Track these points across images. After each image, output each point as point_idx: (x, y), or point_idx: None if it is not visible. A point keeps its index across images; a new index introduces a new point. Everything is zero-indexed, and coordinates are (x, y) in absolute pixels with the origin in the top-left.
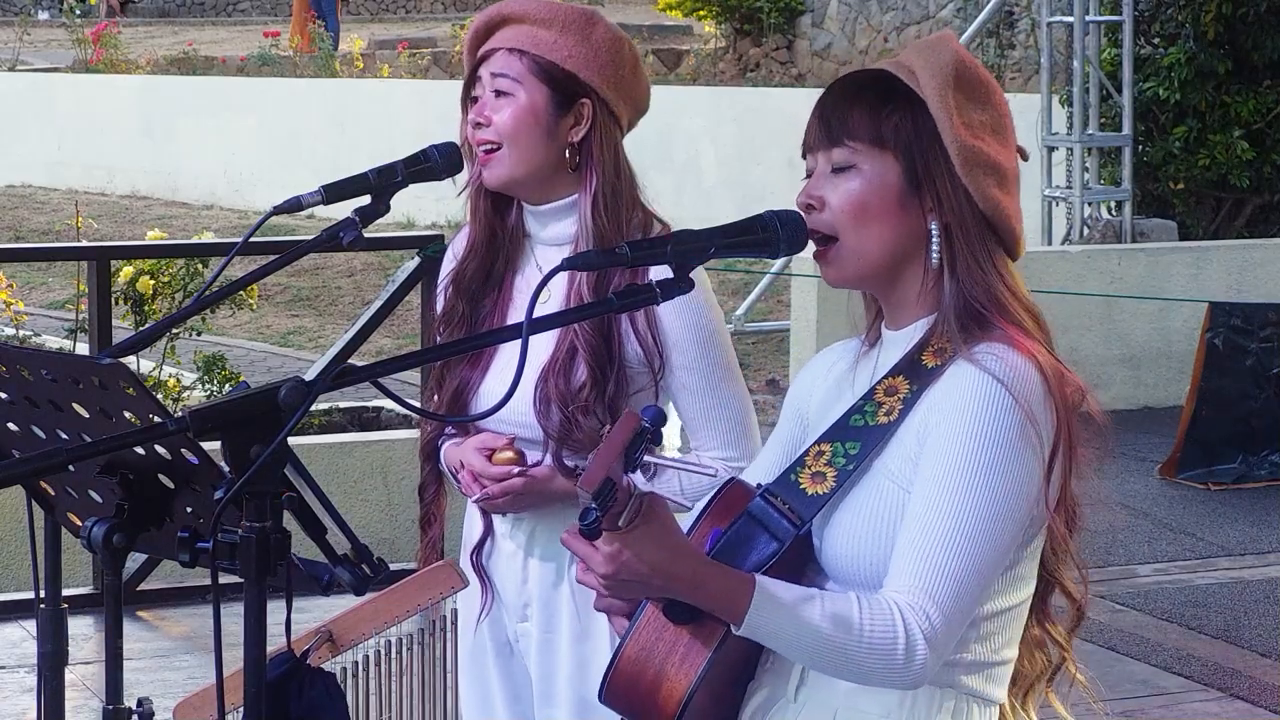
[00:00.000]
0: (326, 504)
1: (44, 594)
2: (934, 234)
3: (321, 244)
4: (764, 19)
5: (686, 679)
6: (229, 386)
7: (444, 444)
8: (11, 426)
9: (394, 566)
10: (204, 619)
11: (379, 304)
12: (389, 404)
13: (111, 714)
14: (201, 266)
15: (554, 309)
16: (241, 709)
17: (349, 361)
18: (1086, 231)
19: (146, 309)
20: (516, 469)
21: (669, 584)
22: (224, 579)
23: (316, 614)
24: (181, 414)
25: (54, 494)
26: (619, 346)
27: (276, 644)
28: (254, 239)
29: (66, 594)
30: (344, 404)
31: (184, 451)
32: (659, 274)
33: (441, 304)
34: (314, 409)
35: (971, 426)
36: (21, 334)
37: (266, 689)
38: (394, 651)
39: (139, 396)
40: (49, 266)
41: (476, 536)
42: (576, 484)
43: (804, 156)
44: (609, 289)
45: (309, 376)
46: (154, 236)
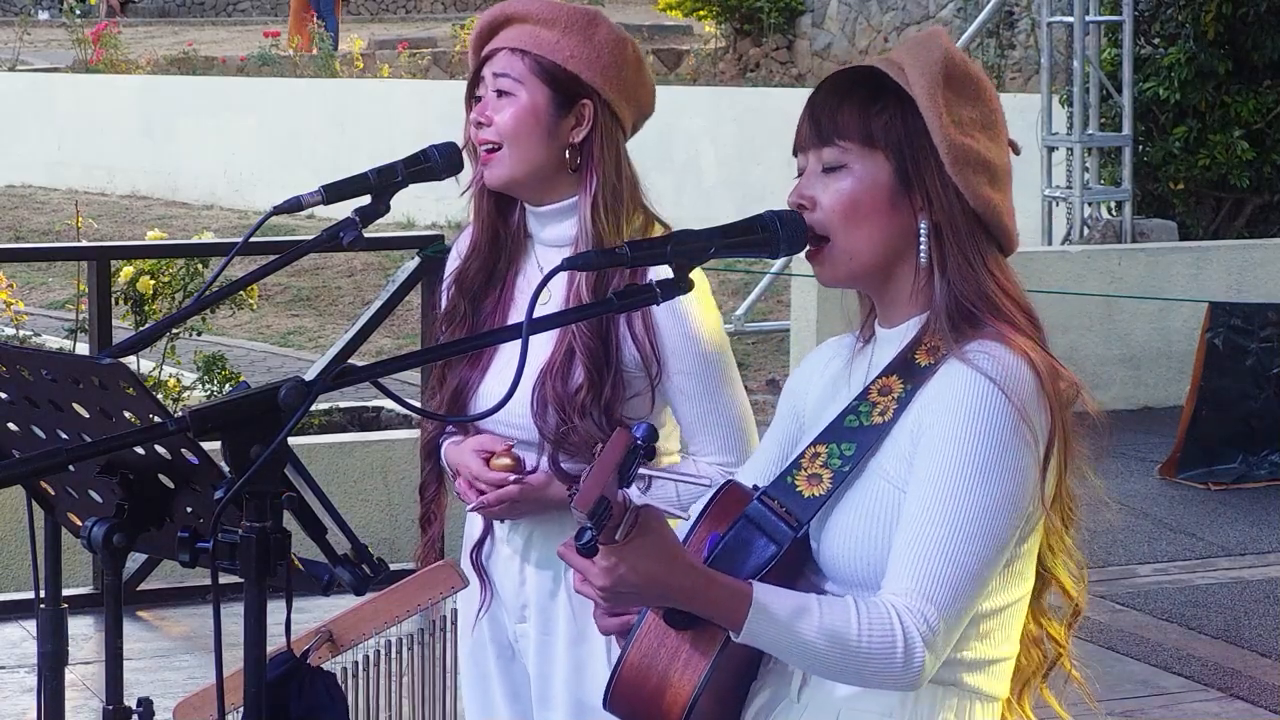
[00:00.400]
0: (326, 504)
1: (44, 594)
2: (922, 233)
3: (321, 244)
4: (764, 19)
5: (690, 684)
6: (229, 386)
7: (444, 443)
8: (11, 426)
9: (394, 566)
10: (204, 619)
11: (379, 304)
12: (389, 404)
13: (111, 714)
14: (201, 266)
15: (554, 310)
16: (241, 709)
17: (349, 361)
18: (1086, 231)
19: (146, 309)
20: (513, 476)
21: (666, 595)
22: (224, 579)
23: (316, 614)
24: (181, 414)
25: (54, 494)
26: (616, 350)
27: (276, 644)
28: (254, 239)
29: (66, 594)
30: (344, 404)
31: (184, 451)
32: (657, 275)
33: (444, 303)
34: (314, 409)
35: (965, 426)
36: (21, 334)
37: (266, 689)
38: (394, 651)
39: (139, 396)
40: (49, 266)
41: (477, 535)
42: (571, 503)
43: (795, 155)
44: (608, 290)
45: (309, 376)
46: (154, 236)
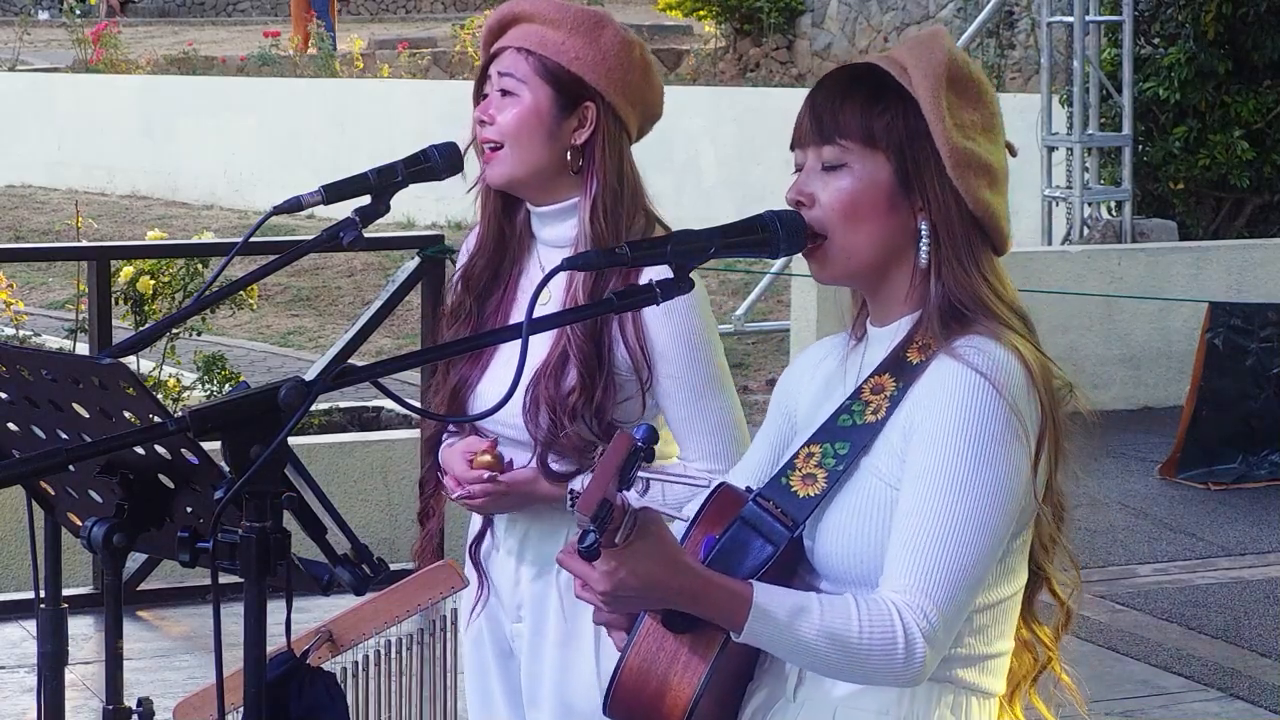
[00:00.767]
0: (326, 504)
1: (44, 594)
2: (924, 234)
3: (321, 244)
4: (764, 19)
5: (690, 686)
6: (229, 386)
7: (445, 439)
8: (11, 426)
9: (394, 566)
10: (204, 619)
11: (379, 304)
12: (389, 404)
13: (111, 714)
14: (201, 266)
15: (552, 310)
16: (241, 709)
17: (349, 361)
18: (1086, 231)
19: (146, 309)
20: (487, 474)
21: (666, 597)
22: (224, 579)
23: (316, 614)
24: (181, 414)
25: (54, 494)
26: (609, 352)
27: (276, 644)
28: (254, 239)
29: (66, 594)
30: (344, 404)
31: (184, 451)
32: (653, 277)
33: (451, 299)
34: (314, 409)
35: (957, 421)
36: (21, 334)
37: (266, 689)
38: (394, 651)
39: (139, 396)
40: (49, 266)
41: (475, 531)
42: (573, 507)
43: (792, 150)
44: (605, 292)
45: (309, 376)
46: (154, 236)
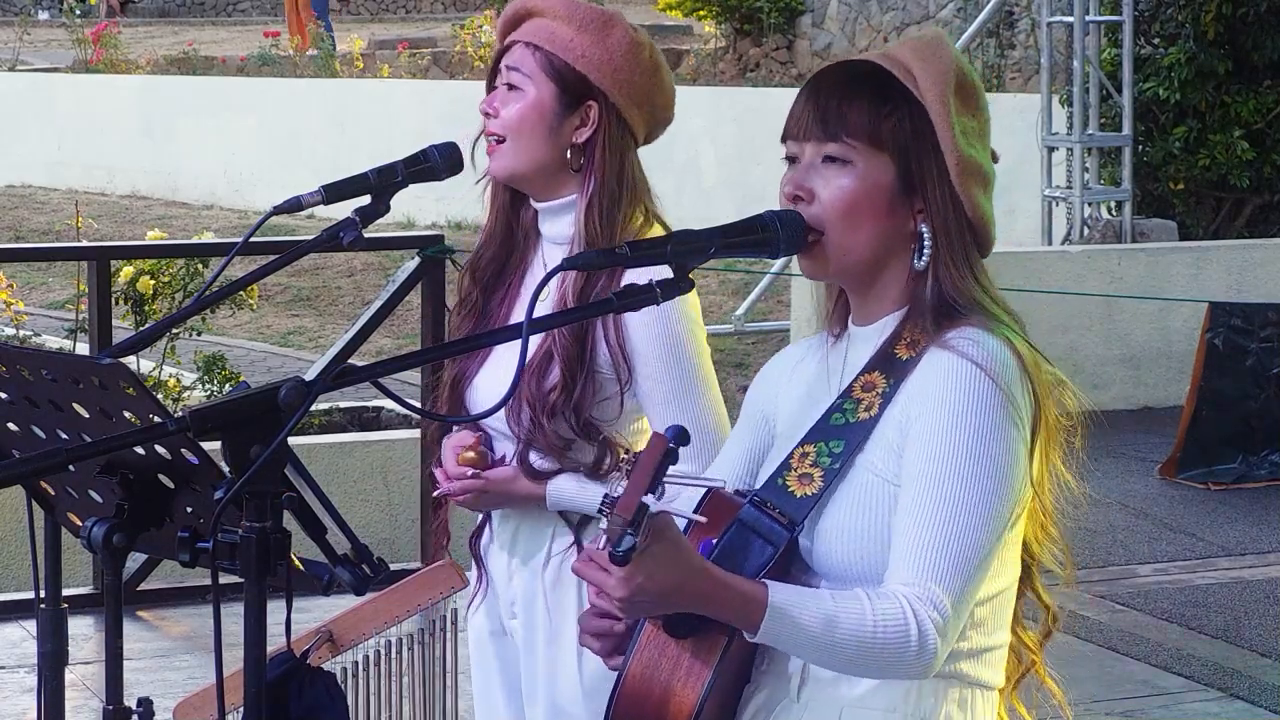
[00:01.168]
0: (326, 504)
1: (44, 594)
2: (925, 237)
3: (321, 244)
4: (764, 19)
5: (695, 691)
6: (229, 386)
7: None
8: (11, 426)
9: (394, 566)
10: (204, 619)
11: (379, 304)
12: (389, 404)
13: (111, 714)
14: (201, 266)
15: (548, 309)
16: (241, 709)
17: (349, 361)
18: (1086, 231)
19: (146, 309)
20: (470, 471)
21: (683, 601)
22: (224, 579)
23: (316, 614)
24: (181, 414)
25: (54, 494)
26: (592, 352)
27: (276, 644)
28: (254, 239)
29: (66, 594)
30: (344, 404)
31: (184, 451)
32: (644, 274)
33: (460, 290)
34: (314, 409)
35: (954, 411)
36: (21, 334)
37: (266, 689)
38: (394, 651)
39: (139, 396)
40: (49, 266)
41: (476, 524)
42: (609, 512)
43: (784, 141)
44: (593, 294)
45: (309, 376)
46: (154, 236)
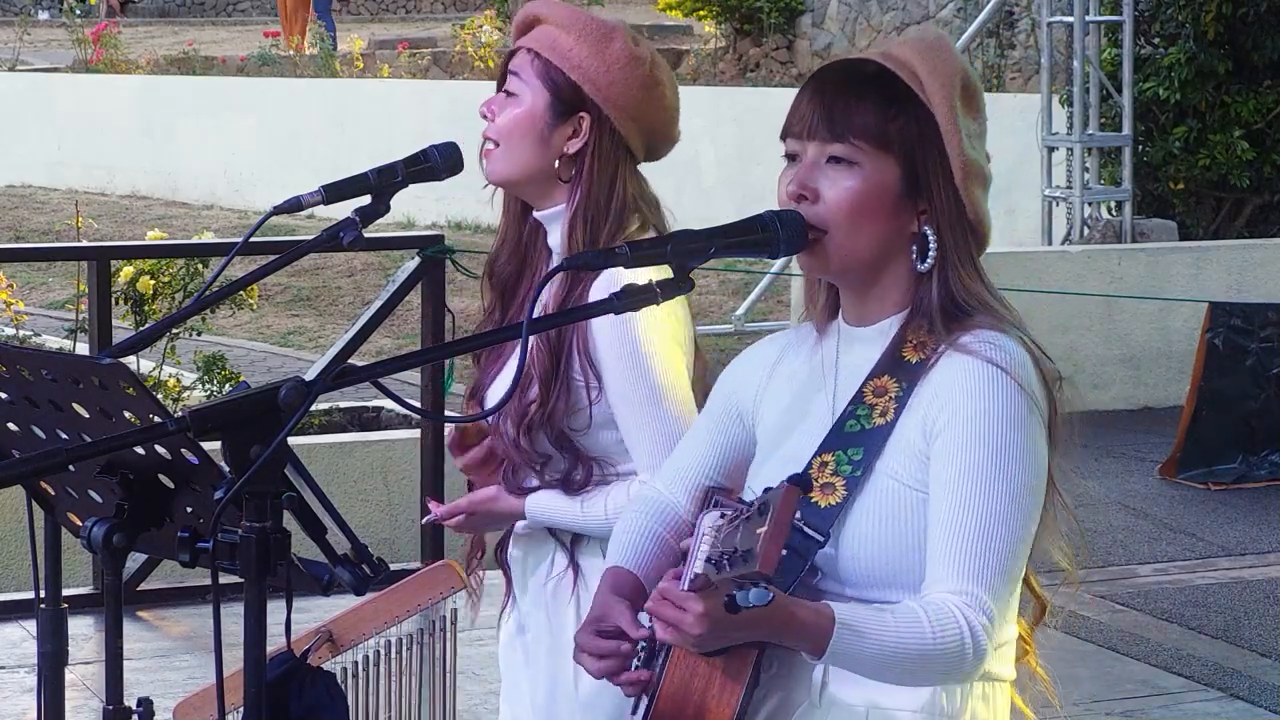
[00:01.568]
0: (326, 504)
1: (44, 594)
2: (930, 239)
3: (321, 244)
4: (764, 19)
5: (730, 706)
6: (229, 386)
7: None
8: (11, 426)
9: (394, 566)
10: (204, 619)
11: (379, 304)
12: (389, 404)
13: (111, 714)
14: (201, 266)
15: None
16: (241, 709)
17: (349, 361)
18: (1086, 231)
19: (146, 309)
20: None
21: (757, 635)
22: (224, 579)
23: (316, 614)
24: (181, 414)
25: (54, 494)
26: (567, 361)
27: (276, 644)
28: (254, 239)
29: (66, 594)
30: (344, 404)
31: (184, 451)
32: (603, 287)
33: (484, 300)
34: (314, 409)
35: (986, 417)
36: (21, 334)
37: (266, 689)
38: (394, 651)
39: (139, 396)
40: (49, 266)
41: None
42: (750, 568)
43: (784, 139)
44: (571, 302)
45: (309, 376)
46: (154, 236)
